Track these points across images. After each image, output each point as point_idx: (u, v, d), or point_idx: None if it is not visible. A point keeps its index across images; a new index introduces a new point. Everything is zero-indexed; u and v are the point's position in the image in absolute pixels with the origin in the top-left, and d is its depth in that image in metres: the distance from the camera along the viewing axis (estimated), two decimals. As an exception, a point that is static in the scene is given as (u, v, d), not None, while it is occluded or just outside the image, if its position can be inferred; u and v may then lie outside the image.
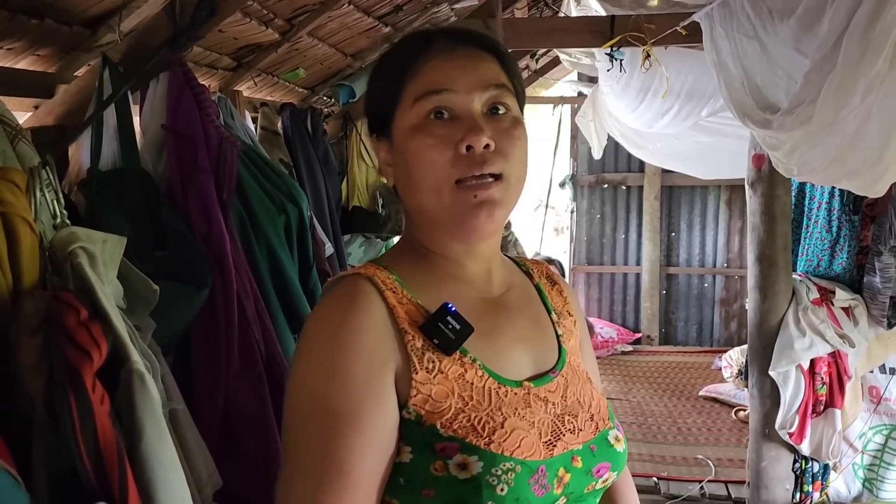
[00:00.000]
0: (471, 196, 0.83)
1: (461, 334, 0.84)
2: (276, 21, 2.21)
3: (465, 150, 0.82)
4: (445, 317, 0.84)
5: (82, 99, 1.50)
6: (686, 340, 6.48)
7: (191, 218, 1.51)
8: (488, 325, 0.89)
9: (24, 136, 1.17)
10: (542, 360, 0.93)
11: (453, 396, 0.81)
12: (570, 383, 0.93)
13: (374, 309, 0.83)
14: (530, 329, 0.95)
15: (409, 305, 0.86)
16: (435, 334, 0.83)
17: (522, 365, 0.91)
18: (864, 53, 1.57)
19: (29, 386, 0.68)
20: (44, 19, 1.38)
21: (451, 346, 0.83)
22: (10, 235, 0.78)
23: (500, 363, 0.87)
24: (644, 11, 2.76)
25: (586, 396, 0.94)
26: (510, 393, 0.85)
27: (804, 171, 2.03)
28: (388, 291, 0.85)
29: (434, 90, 0.84)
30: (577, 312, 1.05)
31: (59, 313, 0.73)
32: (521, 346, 0.92)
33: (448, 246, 0.90)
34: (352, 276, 0.86)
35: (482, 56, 0.89)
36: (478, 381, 0.84)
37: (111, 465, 0.61)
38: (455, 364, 0.83)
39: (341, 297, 0.84)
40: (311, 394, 0.78)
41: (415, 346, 0.82)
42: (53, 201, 0.94)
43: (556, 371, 0.93)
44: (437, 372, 0.82)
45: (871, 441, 3.04)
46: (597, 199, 6.61)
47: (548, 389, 0.89)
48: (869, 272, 2.85)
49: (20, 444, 0.64)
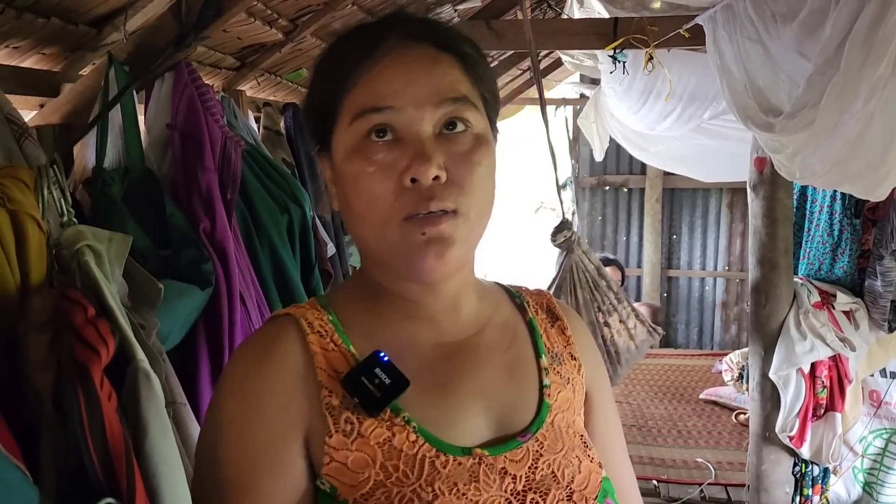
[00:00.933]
0: (418, 233, 0.68)
1: (390, 390, 0.69)
2: (279, 21, 2.22)
3: (409, 182, 0.68)
4: (373, 369, 0.70)
5: (87, 98, 1.50)
6: (686, 343, 6.49)
7: (195, 217, 1.52)
8: (442, 377, 0.74)
9: (30, 134, 1.18)
10: (509, 419, 0.76)
11: (374, 466, 0.67)
12: (545, 450, 0.74)
13: (287, 360, 0.71)
14: (501, 379, 0.78)
15: (336, 353, 0.72)
16: (356, 391, 0.69)
17: (479, 427, 0.74)
18: (866, 58, 1.58)
19: (37, 382, 0.69)
20: (50, 18, 1.39)
21: (376, 404, 0.69)
22: (19, 233, 0.79)
23: (446, 425, 0.71)
24: (647, 14, 2.77)
25: (568, 468, 0.75)
26: (451, 463, 0.69)
27: (806, 175, 2.03)
28: (314, 335, 0.72)
29: (374, 107, 0.69)
30: (584, 354, 0.87)
31: (67, 311, 0.74)
32: (482, 402, 0.75)
33: (401, 285, 0.75)
34: (280, 318, 0.75)
35: (441, 59, 0.72)
36: (408, 447, 0.69)
37: (119, 462, 0.61)
38: (381, 427, 0.69)
39: (255, 343, 0.74)
40: (207, 454, 0.70)
41: (331, 405, 0.69)
42: (60, 200, 0.95)
43: (527, 434, 0.75)
44: (355, 436, 0.68)
45: (871, 445, 3.04)
46: (598, 200, 6.63)
47: (510, 458, 0.72)
48: (870, 276, 2.85)
49: (28, 440, 0.64)
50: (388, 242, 0.70)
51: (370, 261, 0.77)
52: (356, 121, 0.70)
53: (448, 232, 0.68)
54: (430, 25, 0.75)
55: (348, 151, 0.71)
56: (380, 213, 0.69)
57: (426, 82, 0.70)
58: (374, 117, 0.69)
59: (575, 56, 4.12)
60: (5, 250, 0.77)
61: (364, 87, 0.70)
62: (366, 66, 0.70)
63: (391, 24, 0.73)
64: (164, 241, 1.46)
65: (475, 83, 0.74)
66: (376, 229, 0.70)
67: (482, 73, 0.75)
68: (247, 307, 1.58)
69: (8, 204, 0.79)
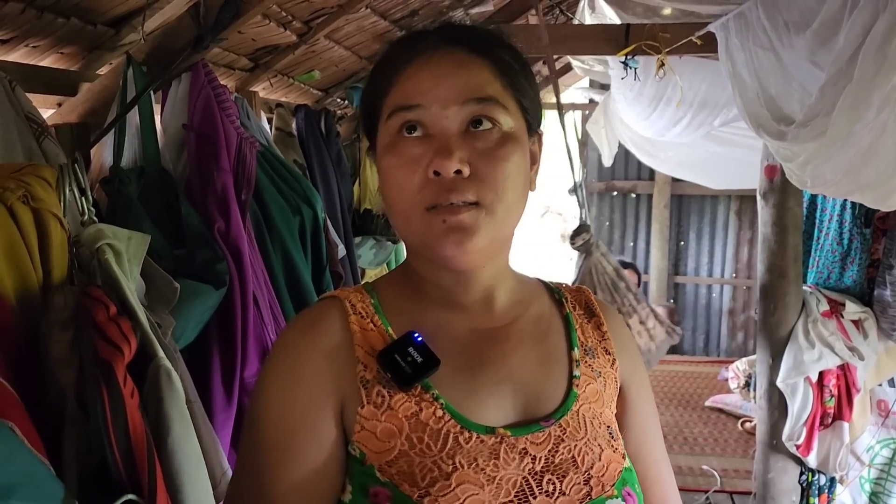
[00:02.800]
0: (439, 221, 0.73)
1: (421, 368, 0.74)
2: (293, 23, 2.23)
3: (432, 174, 0.73)
4: (406, 347, 0.76)
5: (105, 97, 1.52)
6: (693, 350, 6.48)
7: (210, 217, 1.53)
8: (472, 360, 0.79)
9: (49, 133, 1.19)
10: (535, 404, 0.80)
11: (400, 436, 0.72)
12: (567, 436, 0.78)
13: (328, 336, 0.77)
14: (532, 367, 0.82)
15: (374, 332, 0.78)
16: (389, 366, 0.75)
17: (504, 408, 0.78)
18: (879, 68, 1.58)
19: (61, 378, 0.70)
20: (69, 18, 1.40)
21: (407, 380, 0.74)
22: (42, 231, 0.80)
23: (472, 404, 0.76)
24: (659, 20, 2.77)
25: (589, 454, 0.78)
26: (474, 439, 0.73)
27: (818, 184, 2.03)
28: (355, 316, 0.79)
29: (405, 106, 0.75)
30: (622, 351, 0.90)
31: (89, 308, 0.75)
32: (510, 386, 0.79)
33: (436, 274, 0.81)
34: (326, 299, 0.82)
35: (471, 62, 0.76)
36: (434, 422, 0.73)
37: (140, 459, 0.62)
38: (409, 401, 0.74)
39: (301, 320, 0.81)
40: (253, 418, 0.75)
41: (364, 378, 0.75)
42: (81, 198, 0.96)
43: (550, 420, 0.78)
44: (385, 408, 0.73)
45: (878, 455, 3.03)
46: (606, 206, 6.62)
47: (532, 440, 0.76)
48: (879, 285, 2.85)
49: (51, 435, 0.65)
50: (413, 231, 0.76)
51: (409, 250, 0.83)
52: (390, 119, 0.76)
53: (468, 222, 0.72)
54: (465, 31, 0.80)
55: (384, 147, 0.77)
56: (405, 204, 0.74)
57: (453, 83, 0.74)
58: (404, 115, 0.75)
59: (585, 61, 4.12)
60: (29, 248, 0.78)
61: (398, 88, 0.76)
62: (402, 70, 0.76)
63: (432, 30, 0.80)
64: (179, 240, 1.47)
65: (507, 86, 0.77)
66: (403, 219, 0.76)
67: (516, 78, 0.78)
68: (259, 307, 1.59)
69: (32, 202, 0.80)
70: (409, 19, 2.96)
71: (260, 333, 1.57)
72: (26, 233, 0.79)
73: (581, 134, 6.31)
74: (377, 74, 0.80)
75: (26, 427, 0.60)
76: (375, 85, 0.80)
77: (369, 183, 3.17)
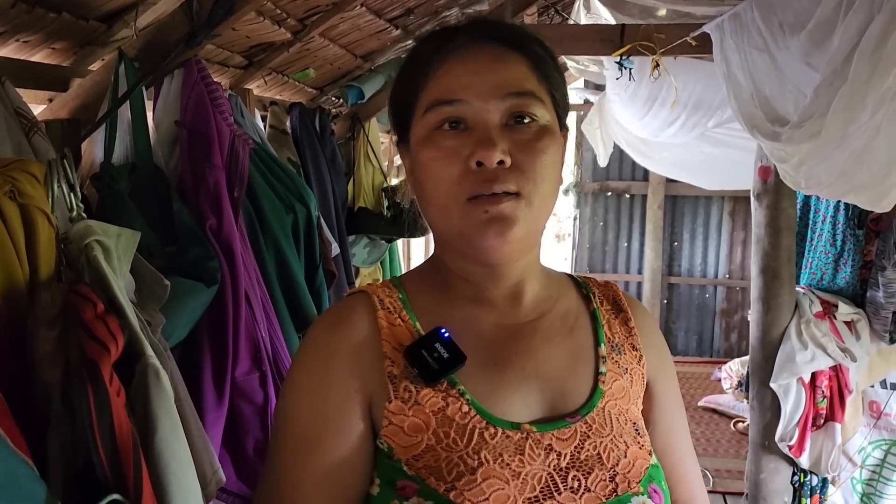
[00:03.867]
0: (480, 212, 0.73)
1: (448, 364, 0.75)
2: (288, 21, 2.22)
3: (475, 165, 0.73)
4: (433, 343, 0.76)
5: (97, 93, 1.51)
6: (686, 351, 6.49)
7: (202, 214, 1.52)
8: (499, 356, 0.80)
9: (39, 128, 1.18)
10: (561, 400, 0.80)
11: (427, 431, 0.73)
12: (593, 433, 0.77)
13: (357, 331, 0.78)
14: (558, 363, 0.82)
15: (402, 327, 0.79)
16: (416, 362, 0.75)
17: (530, 404, 0.78)
18: (874, 70, 1.58)
19: (45, 377, 0.69)
20: (61, 13, 1.39)
21: (433, 375, 0.75)
22: (29, 227, 0.79)
23: (498, 400, 0.76)
24: (654, 21, 2.77)
25: (615, 451, 0.77)
26: (500, 435, 0.73)
27: (812, 185, 2.03)
28: (383, 311, 0.79)
29: (445, 100, 0.75)
30: (649, 347, 0.90)
31: (77, 306, 0.74)
32: (535, 382, 0.79)
33: (467, 269, 0.81)
34: (355, 294, 0.83)
35: (507, 56, 0.77)
36: (460, 417, 0.74)
37: (126, 458, 0.61)
38: (436, 396, 0.75)
39: (330, 316, 0.82)
40: (284, 412, 0.77)
41: (392, 373, 0.75)
42: (69, 194, 0.95)
43: (576, 416, 0.78)
44: (413, 403, 0.74)
45: (870, 456, 3.04)
46: (600, 206, 6.63)
47: (557, 436, 0.76)
48: (872, 287, 2.85)
49: (35, 435, 0.64)
50: (452, 223, 0.76)
51: (440, 244, 0.84)
52: (428, 112, 0.76)
53: (509, 212, 0.73)
54: (499, 26, 0.81)
55: (421, 140, 0.78)
56: (445, 195, 0.75)
57: (492, 77, 0.75)
58: (445, 109, 0.75)
59: (580, 61, 4.12)
60: (15, 244, 0.77)
61: (435, 83, 0.77)
62: (438, 65, 0.77)
63: (464, 27, 0.80)
64: (171, 237, 1.46)
65: (542, 80, 0.79)
66: (442, 211, 0.76)
67: (550, 72, 0.80)
68: (251, 306, 1.58)
69: (19, 198, 0.80)
70: (405, 18, 2.95)
71: (252, 332, 1.56)
72: (13, 229, 0.78)
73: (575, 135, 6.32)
74: (409, 70, 0.81)
75: (9, 427, 0.59)
76: (408, 80, 0.80)
77: (363, 181, 3.16)
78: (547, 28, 3.93)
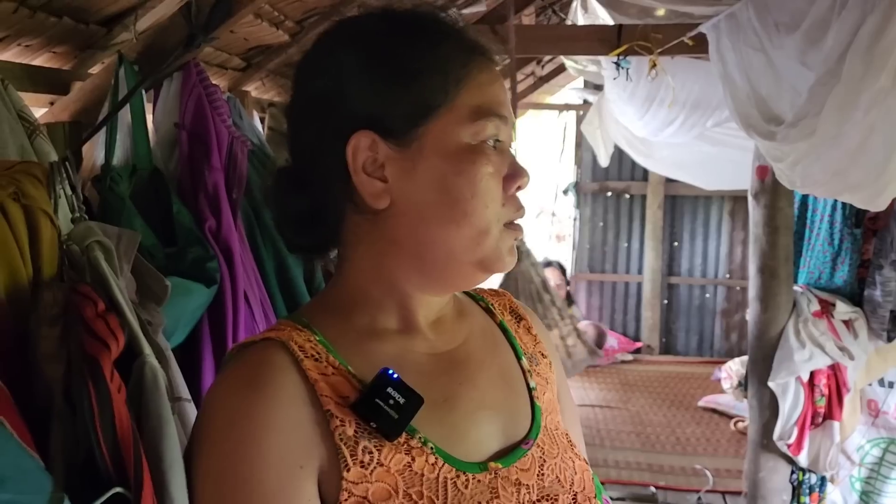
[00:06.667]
0: (512, 239, 0.71)
1: (407, 410, 0.64)
2: (286, 23, 2.24)
3: (515, 190, 0.71)
4: (385, 388, 0.64)
5: (97, 96, 1.52)
6: (686, 351, 6.49)
7: (201, 215, 1.53)
8: (444, 390, 0.71)
9: (41, 131, 1.20)
10: (512, 427, 0.74)
11: (397, 496, 0.63)
12: (547, 455, 0.74)
13: (286, 391, 0.64)
14: (497, 387, 0.76)
15: (337, 376, 0.66)
16: (372, 415, 0.64)
17: (488, 439, 0.72)
18: (867, 69, 1.59)
19: (48, 374, 0.70)
20: (62, 17, 1.41)
21: (395, 428, 0.64)
22: (32, 228, 0.80)
23: (457, 441, 0.69)
24: (651, 21, 2.79)
25: (567, 471, 0.74)
26: (472, 482, 0.67)
27: (807, 184, 2.05)
28: (308, 360, 0.66)
29: (497, 113, 0.69)
30: (552, 352, 0.86)
31: (78, 305, 0.76)
32: (487, 413, 0.73)
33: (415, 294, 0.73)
34: (260, 344, 0.68)
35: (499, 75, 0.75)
36: (429, 470, 0.65)
37: (127, 453, 0.63)
38: (399, 451, 0.65)
39: (243, 377, 0.67)
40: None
41: (345, 435, 0.64)
42: (71, 196, 0.96)
43: (529, 441, 0.73)
44: (374, 465, 0.63)
45: (868, 454, 3.05)
46: (599, 206, 6.63)
47: (520, 468, 0.71)
48: (870, 286, 2.87)
49: (38, 431, 0.66)
50: (483, 245, 0.69)
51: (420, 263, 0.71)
52: (480, 120, 0.68)
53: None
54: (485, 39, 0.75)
55: (465, 149, 0.68)
56: (492, 216, 0.69)
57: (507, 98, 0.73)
58: (497, 123, 0.69)
59: (578, 61, 4.14)
60: (19, 245, 0.78)
61: (480, 89, 0.69)
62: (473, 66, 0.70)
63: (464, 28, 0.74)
64: (170, 238, 1.48)
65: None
66: (479, 231, 0.68)
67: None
68: (251, 306, 1.59)
69: (22, 199, 0.81)
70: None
71: (251, 331, 1.57)
72: (17, 230, 0.80)
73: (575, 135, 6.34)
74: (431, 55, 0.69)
75: (15, 420, 0.60)
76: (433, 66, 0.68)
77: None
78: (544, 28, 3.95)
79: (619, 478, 3.78)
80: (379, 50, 0.69)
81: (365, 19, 0.74)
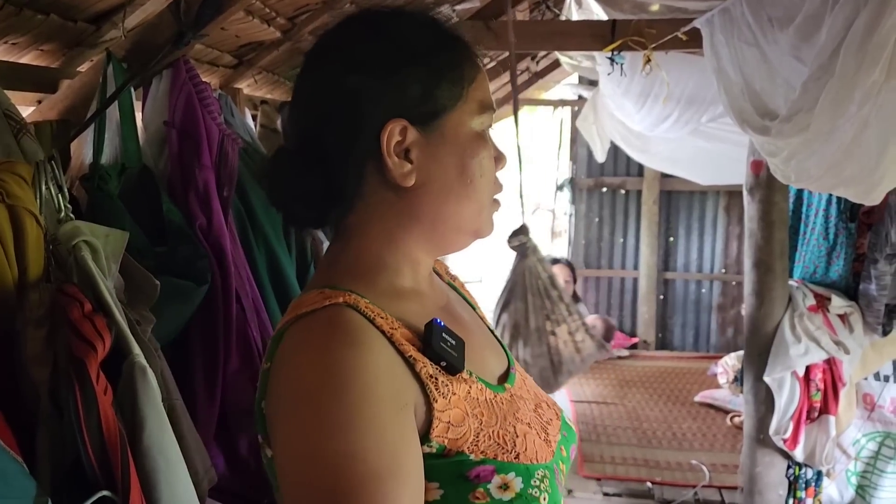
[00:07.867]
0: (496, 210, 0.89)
1: (460, 350, 0.79)
2: (277, 20, 2.22)
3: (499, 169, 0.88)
4: (441, 334, 0.78)
5: (85, 94, 1.51)
6: (682, 346, 6.50)
7: (191, 214, 1.52)
8: (462, 334, 0.84)
9: (27, 130, 1.18)
10: (499, 358, 0.92)
11: (469, 417, 0.76)
12: (523, 376, 0.93)
13: (379, 342, 0.73)
14: (479, 329, 0.95)
15: (403, 329, 0.77)
16: (440, 355, 0.76)
17: (495, 368, 0.89)
18: (861, 63, 1.59)
19: (34, 376, 0.69)
20: (49, 15, 1.39)
21: (458, 364, 0.77)
22: (17, 228, 0.79)
23: (482, 372, 0.83)
24: (645, 16, 2.78)
25: (534, 385, 0.94)
26: (503, 400, 0.82)
27: (801, 178, 2.04)
28: (378, 318, 0.75)
29: (492, 105, 0.86)
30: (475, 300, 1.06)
31: (64, 306, 0.75)
32: (486, 350, 0.91)
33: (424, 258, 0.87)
34: (330, 309, 0.74)
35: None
36: (479, 395, 0.79)
37: (114, 456, 0.62)
38: (461, 382, 0.78)
39: (336, 336, 0.72)
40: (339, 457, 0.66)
41: (427, 374, 0.75)
42: (58, 195, 0.95)
43: (512, 366, 0.92)
44: (451, 395, 0.75)
45: (864, 448, 3.06)
46: (595, 202, 6.62)
47: (518, 386, 0.88)
48: (865, 280, 2.87)
49: (24, 434, 0.65)
50: (480, 217, 0.85)
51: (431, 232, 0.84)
52: (485, 112, 0.84)
53: None
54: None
55: (475, 136, 0.83)
56: (489, 193, 0.86)
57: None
58: (491, 113, 0.85)
59: (573, 57, 4.13)
60: (4, 245, 0.78)
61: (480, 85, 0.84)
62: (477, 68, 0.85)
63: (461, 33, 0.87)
64: (160, 237, 1.46)
65: None
66: (479, 205, 0.85)
67: None
68: (242, 304, 1.58)
69: (7, 199, 0.80)
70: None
71: (243, 330, 1.56)
72: (1, 230, 0.79)
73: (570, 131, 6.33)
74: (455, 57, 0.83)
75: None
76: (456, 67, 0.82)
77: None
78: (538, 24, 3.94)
79: (616, 473, 3.77)
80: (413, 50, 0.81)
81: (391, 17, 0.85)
